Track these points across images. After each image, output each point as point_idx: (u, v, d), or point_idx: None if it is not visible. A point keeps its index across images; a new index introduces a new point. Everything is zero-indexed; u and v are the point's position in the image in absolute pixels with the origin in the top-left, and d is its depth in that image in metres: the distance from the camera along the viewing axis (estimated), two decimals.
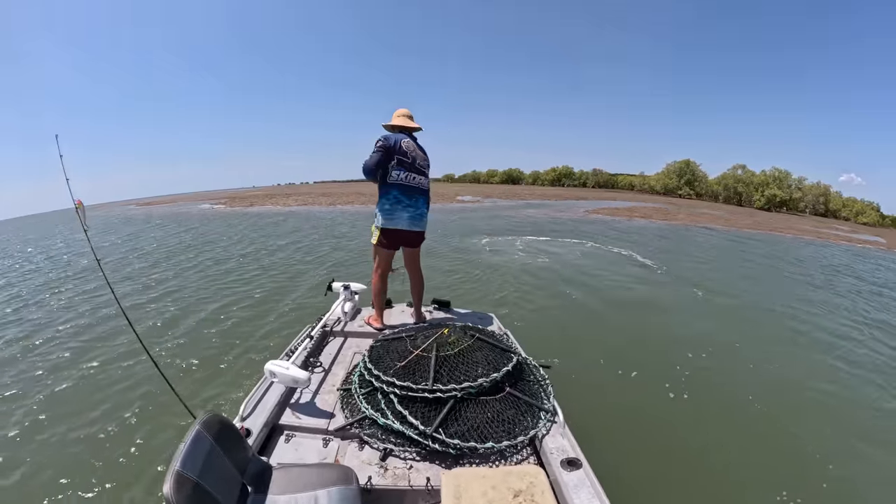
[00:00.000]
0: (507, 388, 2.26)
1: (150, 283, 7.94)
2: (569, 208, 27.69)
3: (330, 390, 2.46)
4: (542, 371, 2.57)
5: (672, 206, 34.03)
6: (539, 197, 41.30)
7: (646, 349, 4.88)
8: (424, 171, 3.15)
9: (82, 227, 2.67)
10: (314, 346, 2.90)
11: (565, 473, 1.77)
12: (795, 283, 9.21)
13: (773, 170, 53.73)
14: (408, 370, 2.26)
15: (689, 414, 3.69)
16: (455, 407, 2.08)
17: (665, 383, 4.09)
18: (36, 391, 3.94)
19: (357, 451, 1.97)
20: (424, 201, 3.21)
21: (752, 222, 25.66)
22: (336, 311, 3.36)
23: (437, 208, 26.19)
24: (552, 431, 2.06)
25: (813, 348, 5.33)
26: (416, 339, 2.56)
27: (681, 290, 7.76)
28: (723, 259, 11.79)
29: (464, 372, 2.23)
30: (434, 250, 10.54)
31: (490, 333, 2.81)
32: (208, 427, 1.39)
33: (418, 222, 3.18)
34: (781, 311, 6.80)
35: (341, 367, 2.74)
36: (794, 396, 4.06)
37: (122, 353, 4.66)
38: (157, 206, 36.83)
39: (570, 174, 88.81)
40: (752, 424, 3.58)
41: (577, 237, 13.81)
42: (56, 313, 6.31)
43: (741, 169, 57.23)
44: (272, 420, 2.11)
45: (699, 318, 6.18)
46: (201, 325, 5.50)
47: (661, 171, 67.09)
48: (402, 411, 2.03)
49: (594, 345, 4.93)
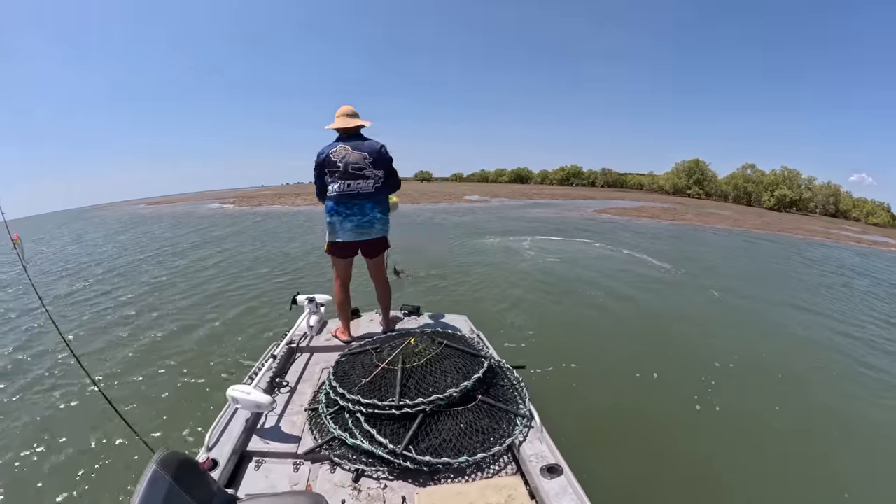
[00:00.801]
0: (480, 395, 2.19)
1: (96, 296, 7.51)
2: (576, 208, 27.78)
3: (298, 411, 2.36)
4: (515, 373, 2.51)
5: (680, 206, 33.96)
6: (547, 196, 41.41)
7: (635, 348, 4.92)
8: (363, 173, 2.82)
9: (21, 262, 2.73)
10: (280, 364, 2.78)
11: (545, 481, 1.71)
12: (801, 283, 9.31)
13: (782, 169, 53.36)
14: (374, 386, 2.18)
15: (679, 415, 3.64)
16: (425, 421, 2.00)
17: (661, 386, 4.07)
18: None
19: (329, 473, 1.91)
20: (372, 206, 2.89)
21: (761, 222, 25.58)
22: (301, 325, 3.21)
23: (443, 208, 26.56)
24: (529, 437, 2.01)
25: (811, 344, 5.47)
26: (383, 352, 2.47)
27: (675, 288, 7.93)
28: (727, 258, 11.93)
29: (432, 383, 2.14)
30: (436, 249, 10.70)
31: (460, 338, 2.73)
32: (165, 465, 1.28)
33: (367, 230, 2.92)
34: (763, 303, 6.94)
35: (309, 386, 2.63)
36: (794, 395, 4.13)
37: (69, 383, 4.21)
38: (166, 206, 37.33)
39: (579, 173, 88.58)
40: (742, 426, 3.55)
41: (582, 237, 13.94)
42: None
43: (751, 168, 56.89)
44: (240, 448, 2.03)
45: (697, 318, 6.28)
46: (159, 349, 5.01)
47: (670, 171, 66.81)
48: (370, 430, 1.96)
49: (577, 344, 4.92)
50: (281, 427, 2.23)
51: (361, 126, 2.91)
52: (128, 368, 4.51)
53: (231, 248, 11.70)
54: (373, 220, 2.91)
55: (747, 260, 12.04)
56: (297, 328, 3.18)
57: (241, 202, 33.83)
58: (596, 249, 11.63)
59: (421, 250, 10.04)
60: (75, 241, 16.74)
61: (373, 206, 2.89)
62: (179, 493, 1.29)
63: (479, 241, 12.46)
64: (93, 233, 19.48)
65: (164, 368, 4.46)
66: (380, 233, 2.99)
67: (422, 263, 8.69)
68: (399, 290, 3.65)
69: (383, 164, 2.86)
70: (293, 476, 1.91)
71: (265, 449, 2.06)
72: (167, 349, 4.96)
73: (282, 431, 2.19)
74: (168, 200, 49.04)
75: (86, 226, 24.19)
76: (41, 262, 11.66)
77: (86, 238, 17.40)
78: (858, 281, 10.21)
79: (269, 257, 10.31)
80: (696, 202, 45.44)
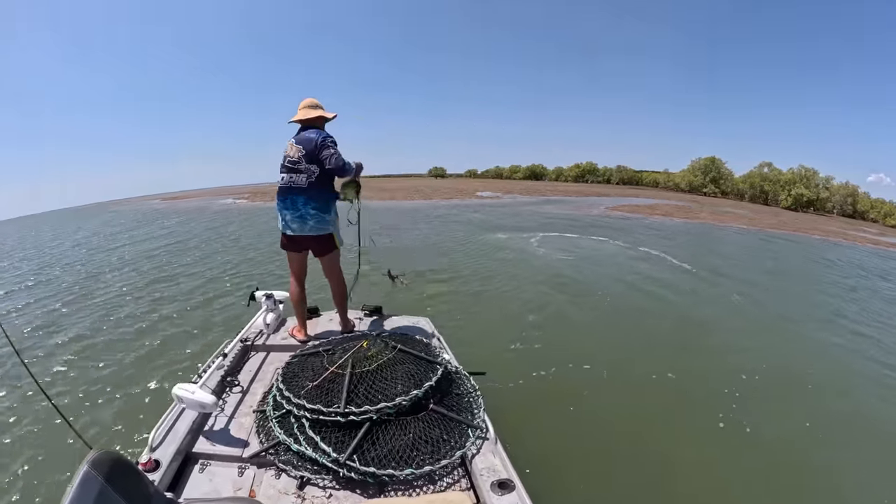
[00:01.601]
0: (432, 404, 2.12)
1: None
2: (589, 205, 27.74)
3: (248, 412, 2.30)
4: (472, 381, 2.44)
5: (695, 205, 33.69)
6: (561, 193, 41.29)
7: (625, 348, 4.90)
8: (297, 167, 2.76)
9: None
10: (233, 362, 2.69)
11: (496, 498, 1.67)
12: (824, 286, 9.31)
13: (800, 168, 52.43)
14: (321, 390, 2.11)
15: (692, 432, 3.53)
16: (372, 430, 1.94)
17: (666, 399, 3.97)
18: None
19: (274, 479, 1.86)
20: (305, 201, 2.80)
21: (777, 222, 25.38)
22: (257, 322, 3.13)
23: (454, 204, 26.76)
24: (483, 449, 1.95)
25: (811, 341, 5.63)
26: (334, 354, 2.41)
27: (666, 283, 8.10)
28: (744, 258, 11.97)
29: (381, 390, 2.08)
30: (442, 245, 10.92)
31: (417, 342, 2.65)
32: (98, 466, 1.23)
33: (301, 225, 2.84)
34: (756, 299, 7.07)
35: (261, 386, 2.56)
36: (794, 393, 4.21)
37: (12, 383, 4.16)
38: (182, 201, 37.70)
39: (594, 170, 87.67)
40: (708, 429, 3.50)
41: (592, 234, 14.06)
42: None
43: (767, 167, 55.87)
44: (185, 448, 1.97)
45: (713, 322, 6.25)
46: (109, 344, 5.05)
47: (685, 169, 66.05)
48: (314, 437, 1.90)
49: (555, 347, 4.88)
50: (229, 428, 2.17)
51: (317, 118, 2.86)
52: (79, 364, 4.49)
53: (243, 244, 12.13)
54: (305, 216, 2.81)
55: (766, 260, 12.02)
56: (253, 325, 3.11)
57: (255, 198, 34.28)
58: (596, 245, 11.74)
59: (411, 254, 9.95)
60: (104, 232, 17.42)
61: (305, 202, 2.79)
62: (111, 495, 1.24)
63: (482, 238, 12.67)
64: (113, 227, 20.17)
65: (118, 365, 4.44)
66: (315, 230, 2.86)
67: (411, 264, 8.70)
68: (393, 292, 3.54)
69: (318, 159, 2.73)
70: (237, 480, 1.87)
71: (211, 451, 2.01)
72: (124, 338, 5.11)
73: (229, 433, 2.13)
74: (184, 196, 49.89)
75: (114, 217, 24.94)
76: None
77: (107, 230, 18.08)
78: (883, 284, 10.10)
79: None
80: (711, 200, 44.97)
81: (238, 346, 2.86)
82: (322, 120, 2.90)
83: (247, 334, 3.03)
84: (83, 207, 49.27)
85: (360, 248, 3.49)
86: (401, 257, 9.20)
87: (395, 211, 21.78)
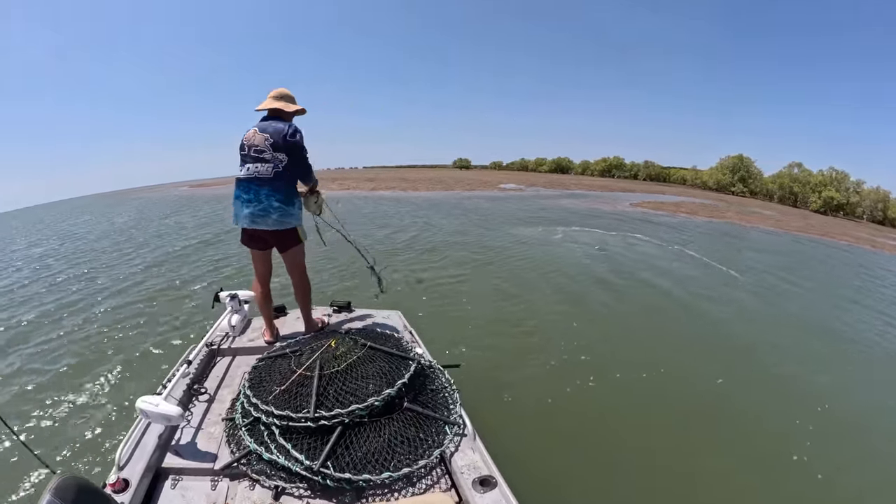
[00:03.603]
0: (406, 402, 2.08)
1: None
2: (613, 200, 27.67)
3: (217, 421, 2.22)
4: (447, 375, 2.38)
5: (722, 203, 33.24)
6: (585, 187, 41.10)
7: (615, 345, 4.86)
8: (262, 156, 2.59)
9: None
10: (199, 369, 2.59)
11: (478, 496, 1.65)
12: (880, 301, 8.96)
13: (830, 170, 51.00)
14: (289, 394, 2.04)
15: (633, 418, 3.56)
16: (345, 434, 1.88)
17: (612, 380, 4.01)
18: None
19: (248, 490, 1.81)
20: (268, 192, 2.62)
21: (804, 225, 25.02)
22: (222, 325, 2.98)
23: (476, 195, 27.07)
24: (462, 446, 1.93)
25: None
26: (302, 356, 2.33)
27: (677, 278, 8.30)
28: (744, 256, 11.97)
29: (352, 391, 2.02)
30: (450, 242, 11.00)
31: (388, 338, 2.61)
32: (62, 493, 1.20)
33: (263, 218, 2.64)
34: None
35: (229, 392, 2.46)
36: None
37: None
38: (205, 189, 38.18)
39: (621, 165, 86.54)
40: (707, 436, 3.44)
41: (612, 230, 14.14)
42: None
43: (797, 167, 54.55)
44: (154, 464, 1.90)
45: (668, 317, 6.21)
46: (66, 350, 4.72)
47: (714, 167, 64.83)
48: (285, 444, 1.85)
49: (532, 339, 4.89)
50: (198, 440, 2.09)
51: (291, 111, 2.73)
52: (36, 379, 4.15)
53: None
54: (268, 208, 2.62)
55: (787, 259, 11.98)
56: (218, 328, 2.98)
57: None
58: (599, 240, 11.87)
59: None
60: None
61: (269, 194, 2.61)
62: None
63: (500, 231, 12.83)
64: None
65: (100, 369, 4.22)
66: (279, 224, 2.68)
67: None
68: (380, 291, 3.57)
69: (286, 147, 2.59)
70: (211, 494, 1.81)
71: (181, 465, 1.94)
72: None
73: (199, 444, 2.06)
74: (214, 183, 51.12)
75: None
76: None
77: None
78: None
79: None
80: (738, 200, 44.17)
81: (204, 350, 2.74)
82: (293, 114, 2.77)
83: (212, 338, 2.93)
84: (119, 192, 50.36)
85: (374, 274, 3.43)
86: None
87: (403, 202, 22.15)
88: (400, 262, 8.50)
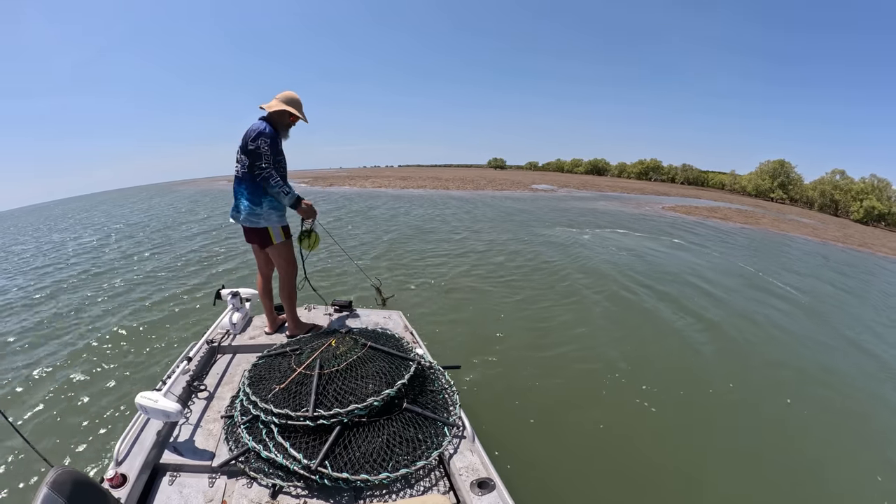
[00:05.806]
0: (406, 402, 2.07)
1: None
2: (646, 203, 27.51)
3: (215, 418, 2.23)
4: (447, 376, 2.39)
5: (759, 210, 32.58)
6: (619, 189, 40.81)
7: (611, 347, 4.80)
8: (238, 157, 2.71)
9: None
10: (199, 366, 2.61)
11: (476, 498, 1.65)
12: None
13: (871, 178, 48.79)
14: (289, 393, 2.05)
15: (647, 424, 3.50)
16: (344, 433, 1.89)
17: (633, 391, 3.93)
18: None
19: (246, 488, 1.81)
20: (240, 190, 2.75)
21: (842, 235, 24.43)
22: (223, 322, 3.02)
23: (507, 195, 27.39)
24: (461, 448, 1.92)
25: None
26: (302, 354, 2.34)
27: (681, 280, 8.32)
28: (758, 259, 11.91)
29: (352, 390, 2.03)
30: (468, 238, 11.10)
31: (388, 338, 2.61)
32: (59, 486, 1.17)
33: (237, 214, 2.82)
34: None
35: (229, 390, 2.47)
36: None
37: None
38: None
39: (659, 168, 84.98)
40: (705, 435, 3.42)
41: (640, 231, 14.16)
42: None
43: (839, 175, 52.41)
44: (152, 461, 1.91)
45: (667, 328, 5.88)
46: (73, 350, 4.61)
47: (753, 172, 63.10)
48: (283, 443, 1.86)
49: (525, 343, 4.82)
50: (196, 437, 2.09)
51: (267, 110, 2.74)
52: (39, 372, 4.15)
53: None
54: (240, 206, 2.78)
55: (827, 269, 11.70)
56: (219, 326, 3.01)
57: (315, 182, 36.07)
58: (641, 243, 11.90)
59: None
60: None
61: (239, 191, 2.77)
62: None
63: (526, 231, 12.91)
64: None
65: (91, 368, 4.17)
66: (248, 222, 2.78)
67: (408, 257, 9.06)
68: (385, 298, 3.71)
69: (247, 151, 2.64)
70: (208, 491, 1.81)
71: (179, 461, 1.94)
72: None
73: (198, 441, 2.06)
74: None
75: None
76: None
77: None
78: None
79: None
80: (777, 207, 43.02)
81: (204, 348, 2.77)
82: (278, 115, 2.76)
83: (213, 335, 2.94)
84: (163, 184, 51.90)
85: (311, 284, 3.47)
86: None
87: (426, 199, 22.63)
88: (384, 260, 8.69)
